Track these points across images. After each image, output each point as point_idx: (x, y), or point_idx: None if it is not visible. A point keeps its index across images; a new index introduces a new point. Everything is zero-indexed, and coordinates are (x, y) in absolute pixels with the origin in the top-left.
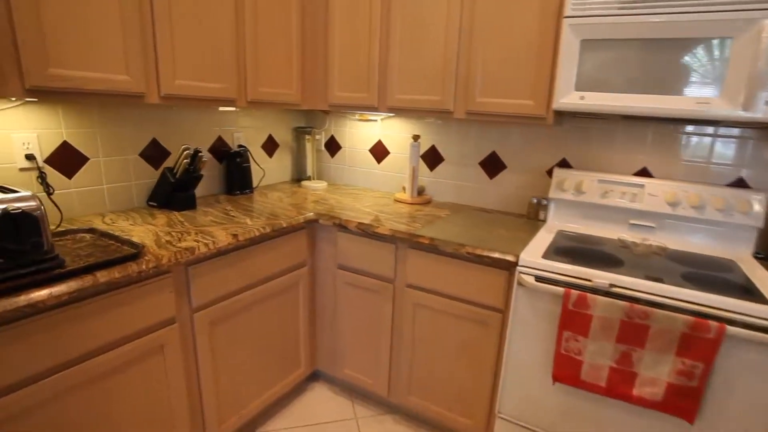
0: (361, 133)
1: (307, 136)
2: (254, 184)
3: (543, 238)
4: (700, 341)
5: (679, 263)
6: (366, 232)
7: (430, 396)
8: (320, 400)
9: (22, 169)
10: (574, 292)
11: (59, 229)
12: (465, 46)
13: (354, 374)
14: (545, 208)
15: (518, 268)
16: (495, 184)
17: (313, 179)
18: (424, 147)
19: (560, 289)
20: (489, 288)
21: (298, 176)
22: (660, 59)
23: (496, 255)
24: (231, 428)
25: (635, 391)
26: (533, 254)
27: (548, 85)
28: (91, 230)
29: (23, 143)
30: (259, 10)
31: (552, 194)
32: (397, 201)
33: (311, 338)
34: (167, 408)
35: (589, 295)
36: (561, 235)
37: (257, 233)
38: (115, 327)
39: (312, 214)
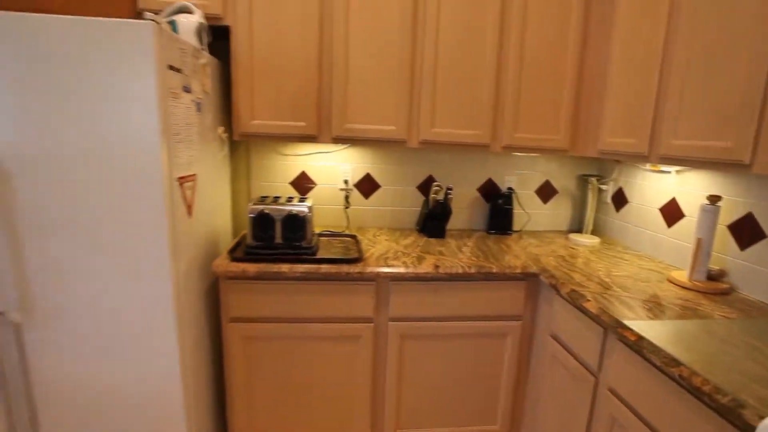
0: (652, 186)
1: (591, 186)
2: (516, 227)
3: None
4: None
5: None
6: (575, 302)
7: None
8: None
9: (340, 189)
10: None
11: (336, 230)
12: None
13: None
14: None
15: None
16: None
17: (586, 233)
18: (732, 213)
19: None
20: None
21: (577, 227)
22: None
23: None
24: None
25: None
26: None
27: None
28: (353, 236)
29: (343, 172)
30: (526, 60)
31: None
32: (669, 281)
33: (516, 400)
34: (353, 386)
35: None
36: None
37: (460, 271)
38: (329, 306)
39: (535, 268)
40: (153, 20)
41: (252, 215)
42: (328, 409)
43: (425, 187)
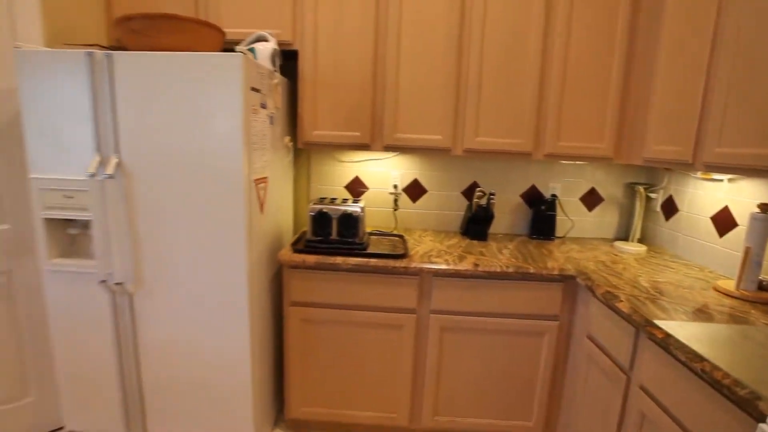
0: (703, 195)
1: (638, 194)
2: (559, 233)
3: None
4: None
5: None
6: (608, 303)
7: None
8: None
9: (390, 193)
10: None
11: (385, 231)
12: None
13: None
14: None
15: None
16: None
17: (632, 241)
18: None
19: None
20: None
21: (623, 235)
22: None
23: None
24: (442, 425)
25: None
26: None
27: None
28: (400, 236)
29: (393, 177)
30: (569, 71)
31: None
32: (715, 289)
33: (552, 399)
34: (395, 371)
35: None
36: None
37: (498, 270)
38: (377, 297)
39: (572, 270)
40: (242, 52)
41: (312, 213)
42: (372, 391)
43: (469, 192)
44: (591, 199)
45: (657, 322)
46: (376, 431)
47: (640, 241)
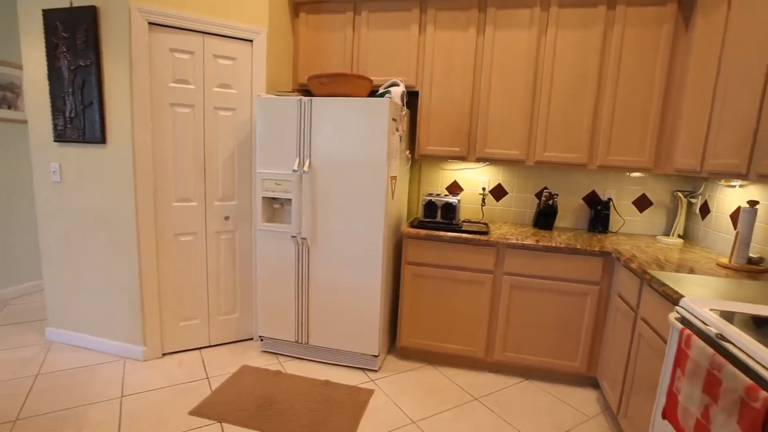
0: (724, 198)
1: (679, 199)
2: (613, 228)
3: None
4: (750, 410)
5: None
6: (626, 265)
7: None
8: (579, 401)
9: (479, 194)
10: (686, 331)
11: (474, 220)
12: None
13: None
14: None
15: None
16: None
17: (672, 236)
18: None
19: (680, 326)
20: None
21: (668, 233)
22: None
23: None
24: (509, 359)
25: None
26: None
27: None
28: (485, 223)
29: (482, 181)
30: (619, 98)
31: None
32: (718, 264)
33: (593, 346)
34: (476, 316)
35: (693, 336)
36: None
37: (553, 244)
38: (466, 261)
39: (610, 249)
40: (388, 96)
41: (424, 202)
42: (459, 330)
43: (541, 194)
44: (642, 203)
45: (649, 270)
46: (460, 360)
47: (681, 237)
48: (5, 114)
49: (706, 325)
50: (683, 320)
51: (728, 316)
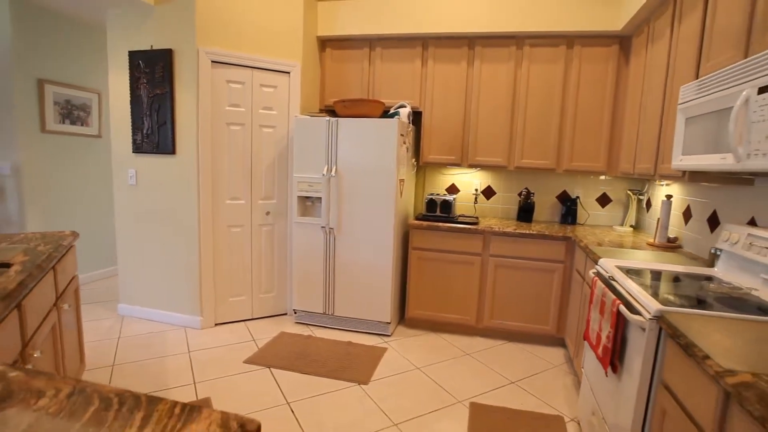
0: (659, 195)
1: (631, 196)
2: (580, 221)
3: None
4: (612, 313)
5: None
6: (578, 245)
7: None
8: (549, 355)
9: (472, 194)
10: (596, 279)
11: (467, 215)
12: None
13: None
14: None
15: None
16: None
17: (624, 226)
18: (682, 205)
19: (592, 276)
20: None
21: (622, 224)
22: (718, 126)
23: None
24: (495, 325)
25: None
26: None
27: None
28: (476, 217)
29: (474, 184)
30: (578, 117)
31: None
32: (648, 243)
33: (560, 312)
34: (468, 290)
35: (598, 279)
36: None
37: (526, 231)
38: (460, 246)
39: (571, 235)
40: (397, 116)
41: (426, 200)
42: (455, 302)
43: (521, 194)
44: (603, 200)
45: (590, 246)
46: (456, 327)
47: (633, 227)
48: (79, 129)
49: (606, 273)
50: (597, 273)
51: (624, 269)
